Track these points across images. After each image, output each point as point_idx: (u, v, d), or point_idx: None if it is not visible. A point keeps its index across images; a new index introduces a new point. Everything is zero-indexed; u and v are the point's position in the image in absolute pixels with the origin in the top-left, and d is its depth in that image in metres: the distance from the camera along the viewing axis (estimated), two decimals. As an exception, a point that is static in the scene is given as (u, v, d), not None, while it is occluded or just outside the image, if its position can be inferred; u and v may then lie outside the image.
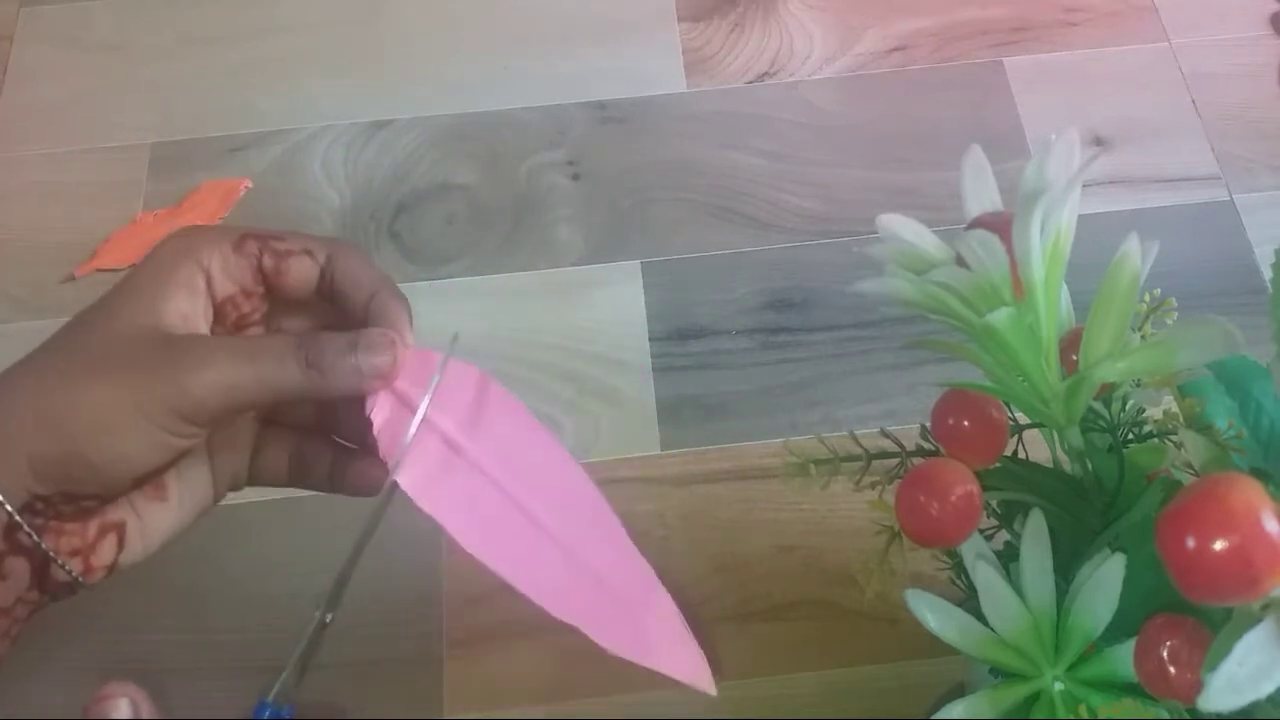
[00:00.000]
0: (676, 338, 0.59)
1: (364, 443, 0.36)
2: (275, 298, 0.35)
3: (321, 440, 0.38)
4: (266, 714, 0.31)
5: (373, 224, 0.63)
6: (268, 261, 0.34)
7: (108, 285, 0.33)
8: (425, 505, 0.32)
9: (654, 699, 0.50)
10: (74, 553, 0.32)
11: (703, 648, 0.33)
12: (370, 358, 0.33)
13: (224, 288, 0.34)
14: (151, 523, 0.34)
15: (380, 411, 0.33)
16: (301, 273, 0.34)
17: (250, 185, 0.64)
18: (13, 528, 0.30)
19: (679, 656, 0.32)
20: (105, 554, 0.33)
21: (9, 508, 0.30)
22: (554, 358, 0.59)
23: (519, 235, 0.63)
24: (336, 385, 0.32)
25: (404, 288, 0.58)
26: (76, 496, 0.31)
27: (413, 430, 0.33)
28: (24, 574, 0.31)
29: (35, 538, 0.31)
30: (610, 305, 0.60)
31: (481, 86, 0.68)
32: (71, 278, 0.61)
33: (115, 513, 0.33)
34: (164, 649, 0.52)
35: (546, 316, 0.60)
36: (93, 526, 0.32)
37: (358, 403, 0.34)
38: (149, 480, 0.32)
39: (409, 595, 0.53)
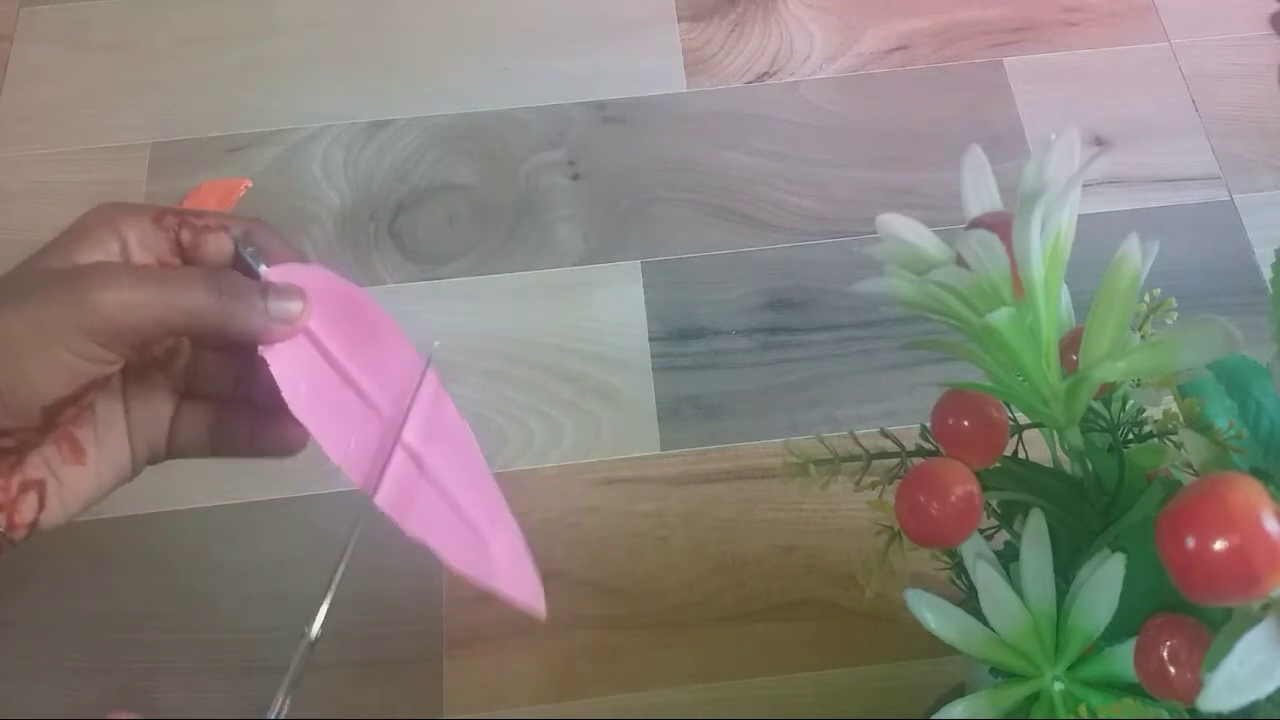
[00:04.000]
0: (676, 338, 0.59)
1: (281, 406, 0.37)
2: None
3: (239, 407, 0.38)
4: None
5: (373, 224, 0.63)
6: (185, 235, 0.35)
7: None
8: (302, 418, 0.34)
9: (654, 699, 0.50)
10: None
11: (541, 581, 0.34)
12: (279, 301, 0.34)
13: (140, 257, 0.34)
14: (70, 485, 0.35)
15: (279, 362, 0.34)
16: (217, 246, 0.35)
17: (250, 185, 0.64)
18: None
19: (519, 581, 0.34)
20: (27, 511, 0.34)
21: None
22: (554, 358, 0.59)
23: (519, 235, 0.63)
24: (245, 318, 0.33)
25: (404, 287, 0.58)
26: None
27: (395, 449, 0.34)
28: None
29: None
30: (610, 305, 0.60)
31: (481, 86, 0.68)
32: (71, 278, 0.61)
33: (34, 471, 0.34)
34: (164, 649, 0.52)
35: (546, 316, 0.60)
36: (14, 483, 0.33)
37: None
38: (60, 412, 0.33)
39: (409, 595, 0.53)
